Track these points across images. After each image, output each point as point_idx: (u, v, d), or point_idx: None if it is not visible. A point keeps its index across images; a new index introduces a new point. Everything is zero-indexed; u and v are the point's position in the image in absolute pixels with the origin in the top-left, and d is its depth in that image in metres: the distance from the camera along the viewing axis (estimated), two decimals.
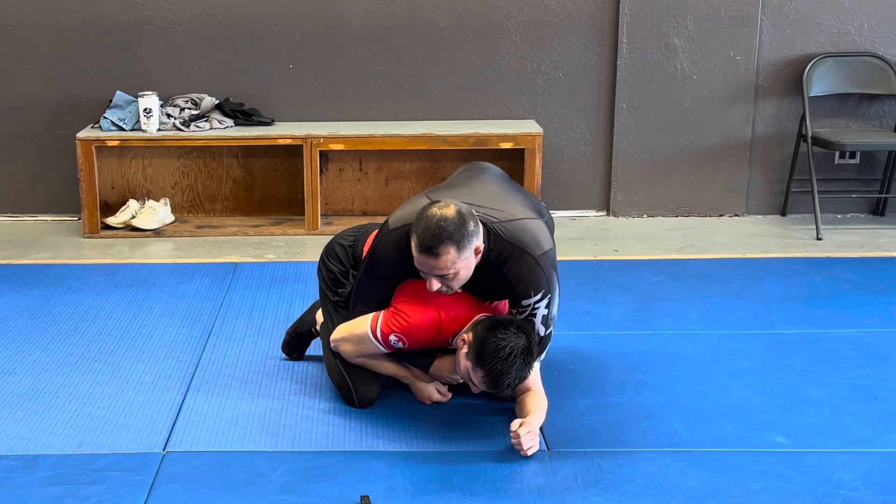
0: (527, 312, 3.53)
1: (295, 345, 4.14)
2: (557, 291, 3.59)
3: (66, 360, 4.16)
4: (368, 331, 3.60)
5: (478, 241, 3.44)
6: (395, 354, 3.71)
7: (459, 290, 3.60)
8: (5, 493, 3.17)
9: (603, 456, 3.41)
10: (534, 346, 3.44)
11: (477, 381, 3.45)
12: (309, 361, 4.14)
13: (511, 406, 3.71)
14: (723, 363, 4.15)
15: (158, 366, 4.12)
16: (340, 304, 3.79)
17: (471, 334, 3.45)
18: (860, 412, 3.72)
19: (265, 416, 3.69)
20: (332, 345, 3.75)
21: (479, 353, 3.38)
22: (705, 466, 3.35)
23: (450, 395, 3.76)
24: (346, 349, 3.70)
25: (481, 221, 3.47)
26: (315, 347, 4.16)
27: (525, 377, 3.45)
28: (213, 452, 3.44)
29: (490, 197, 3.65)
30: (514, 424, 3.42)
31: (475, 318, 3.55)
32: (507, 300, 3.65)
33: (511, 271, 3.50)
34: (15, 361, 4.16)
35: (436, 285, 3.45)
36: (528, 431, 3.39)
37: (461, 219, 3.38)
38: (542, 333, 3.58)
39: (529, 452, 3.39)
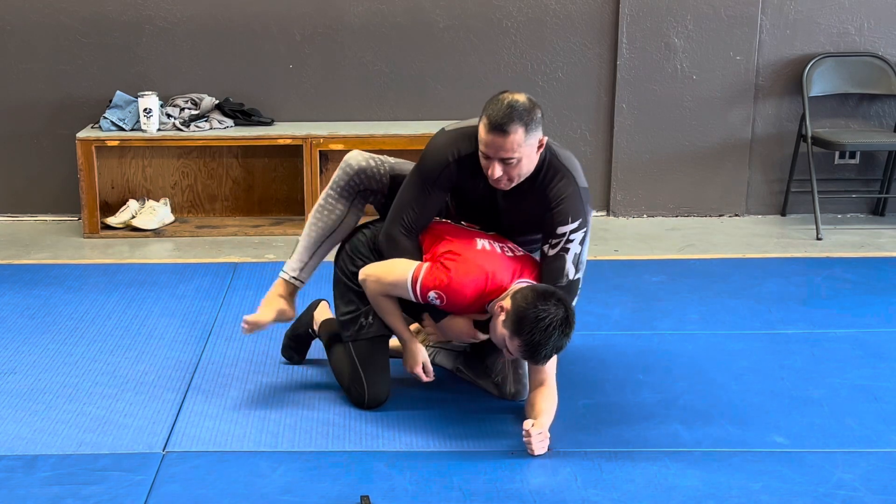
0: (560, 245, 3.51)
1: (295, 347, 4.13)
2: (589, 235, 3.59)
3: (66, 360, 4.16)
4: (409, 279, 3.51)
5: (541, 134, 3.48)
6: (410, 307, 3.66)
7: (507, 252, 3.56)
8: (5, 493, 3.17)
9: (603, 456, 3.41)
10: (572, 317, 3.39)
11: (513, 349, 3.40)
12: (309, 362, 4.13)
13: (512, 406, 3.72)
14: (723, 363, 4.15)
15: (158, 366, 4.12)
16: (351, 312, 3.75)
17: (509, 301, 3.40)
18: (860, 412, 3.72)
19: (265, 416, 3.69)
20: (360, 277, 3.65)
21: (519, 323, 3.34)
22: (705, 466, 3.35)
23: (432, 378, 3.72)
24: (372, 287, 3.61)
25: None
26: (315, 351, 4.15)
27: (561, 348, 3.41)
28: (213, 452, 3.44)
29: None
30: (528, 424, 3.41)
31: (513, 286, 3.50)
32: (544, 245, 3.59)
33: (554, 192, 3.52)
34: (15, 361, 4.16)
35: (498, 172, 3.43)
36: (539, 432, 3.39)
37: (532, 104, 3.47)
38: (571, 276, 3.54)
39: (539, 453, 3.38)
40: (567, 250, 3.52)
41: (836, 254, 5.61)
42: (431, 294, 3.50)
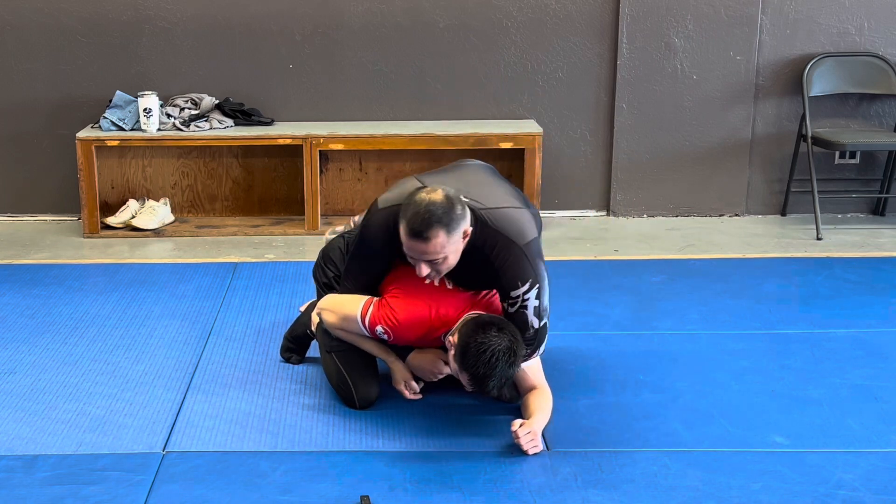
0: (517, 304, 3.52)
1: (294, 348, 4.14)
2: (546, 281, 3.58)
3: (66, 360, 4.16)
4: (358, 315, 3.60)
5: (466, 225, 3.44)
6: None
7: (450, 286, 3.61)
8: (5, 493, 3.17)
9: (603, 456, 3.41)
10: (517, 345, 3.41)
11: (464, 382, 3.46)
12: (309, 361, 4.13)
13: (511, 407, 3.72)
14: (723, 363, 4.15)
15: (158, 365, 4.12)
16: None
17: (456, 336, 3.45)
18: (860, 412, 3.72)
19: (265, 416, 3.69)
20: (316, 310, 3.77)
21: (463, 356, 3.38)
22: (705, 466, 3.35)
23: (419, 396, 3.75)
24: (329, 319, 3.71)
25: (468, 207, 3.47)
26: (314, 350, 4.15)
27: (511, 375, 3.45)
28: (213, 452, 3.44)
29: (477, 184, 3.66)
30: (515, 424, 3.42)
31: (463, 318, 3.55)
32: (496, 293, 3.65)
33: (497, 261, 3.50)
34: (15, 361, 4.16)
35: (425, 270, 3.44)
36: (527, 432, 3.40)
37: (449, 203, 3.38)
38: (536, 326, 3.57)
39: (530, 453, 3.40)
40: (525, 307, 3.54)
41: (836, 254, 5.61)
42: (378, 329, 3.58)
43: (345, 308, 3.66)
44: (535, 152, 5.90)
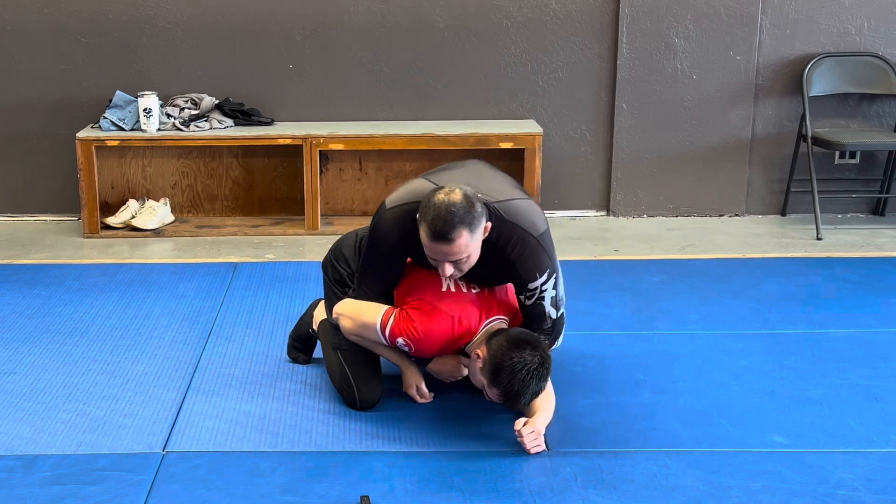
0: (535, 296, 3.53)
1: (300, 348, 4.14)
2: (560, 271, 3.60)
3: (66, 360, 4.16)
4: (378, 325, 3.58)
5: (485, 222, 3.43)
6: None
7: (465, 289, 3.60)
8: (5, 493, 3.17)
9: (603, 456, 3.41)
10: (547, 361, 3.42)
11: (493, 396, 3.45)
12: (312, 363, 4.13)
13: None
14: (723, 363, 4.15)
15: (158, 366, 4.12)
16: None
17: (485, 349, 3.44)
18: (860, 412, 3.72)
19: (265, 416, 3.69)
20: (333, 314, 3.74)
21: (496, 374, 3.38)
22: (705, 466, 3.35)
23: (430, 399, 3.75)
24: (346, 325, 3.69)
25: (483, 203, 3.46)
26: (318, 350, 4.14)
27: (541, 391, 3.45)
28: (213, 452, 3.44)
29: (484, 179, 3.65)
30: (518, 423, 3.42)
31: (488, 328, 3.55)
32: (513, 293, 3.65)
33: (514, 253, 3.50)
34: (15, 361, 4.16)
35: (449, 271, 3.43)
36: (531, 431, 3.40)
37: (469, 202, 3.37)
38: (554, 316, 3.58)
39: (533, 452, 3.40)
40: (543, 298, 3.55)
41: (836, 254, 5.61)
42: (400, 341, 3.57)
43: (363, 316, 3.64)
44: (535, 152, 5.90)
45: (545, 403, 3.57)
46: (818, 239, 5.86)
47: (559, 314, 3.61)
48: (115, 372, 4.06)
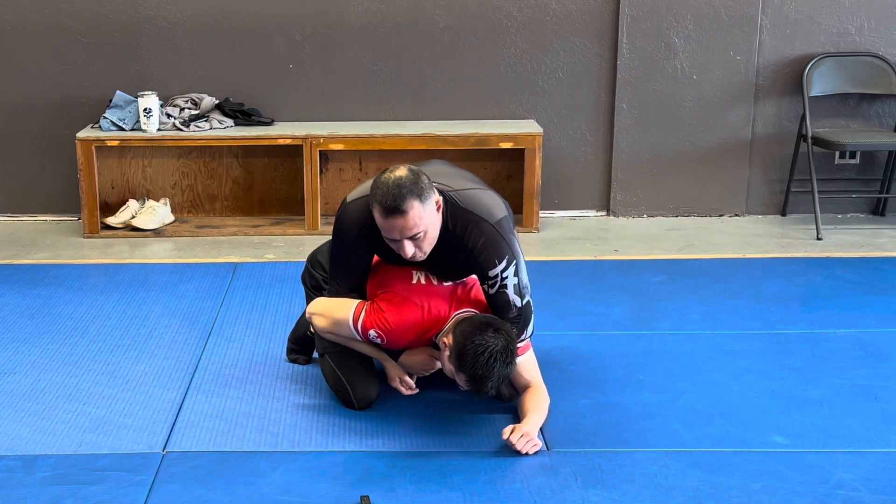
0: (497, 284, 3.52)
1: (299, 350, 4.14)
2: (522, 258, 3.59)
3: (66, 360, 4.16)
4: (350, 320, 3.59)
5: (436, 196, 3.44)
6: None
7: (436, 283, 3.60)
8: (5, 493, 3.17)
9: (603, 456, 3.41)
10: (512, 344, 3.42)
11: (461, 382, 3.46)
12: (312, 363, 4.13)
13: (512, 407, 3.71)
14: (723, 363, 4.15)
15: (158, 366, 4.12)
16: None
17: (451, 337, 3.45)
18: (860, 412, 3.72)
19: (265, 416, 3.69)
20: (306, 314, 3.77)
21: (460, 358, 3.38)
22: (705, 466, 3.35)
23: (416, 391, 3.74)
24: (320, 324, 3.70)
25: (437, 190, 3.48)
26: None
27: (508, 375, 3.45)
28: (213, 452, 3.44)
29: (442, 174, 3.66)
30: (506, 432, 3.42)
31: (455, 318, 3.55)
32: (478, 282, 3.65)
33: (471, 241, 3.50)
34: (15, 361, 4.16)
35: (409, 249, 3.42)
36: (520, 436, 3.40)
37: (415, 175, 3.39)
38: (519, 304, 3.56)
39: (531, 453, 3.39)
40: (505, 286, 3.54)
41: (836, 254, 5.61)
42: (371, 333, 3.57)
43: (335, 313, 3.66)
44: (535, 152, 5.90)
45: (537, 403, 3.57)
46: (818, 239, 5.86)
47: (524, 302, 3.58)
48: (115, 372, 4.06)
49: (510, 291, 3.54)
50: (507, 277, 3.52)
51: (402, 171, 3.39)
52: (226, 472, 3.31)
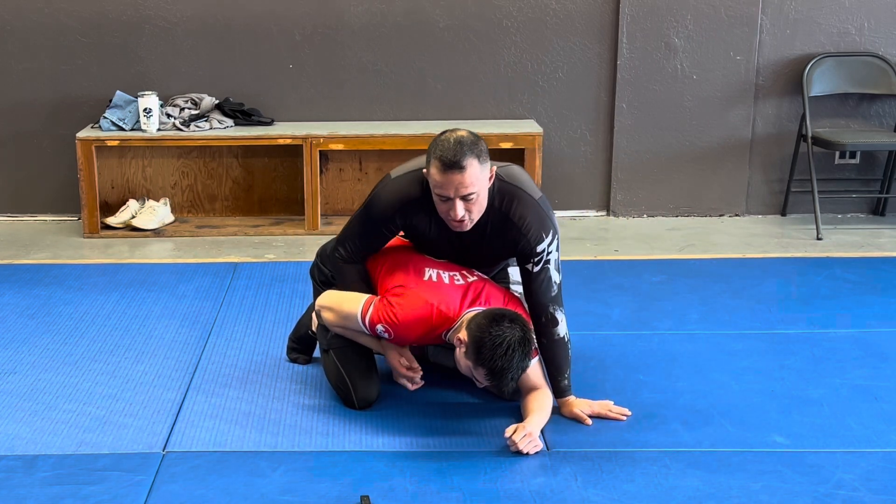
0: (542, 260, 3.54)
1: (300, 349, 4.14)
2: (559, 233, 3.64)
3: (66, 360, 4.16)
4: (358, 314, 3.59)
5: (490, 163, 3.48)
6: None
7: (447, 280, 3.59)
8: (5, 493, 3.17)
9: (603, 456, 3.41)
10: (529, 334, 3.41)
11: (480, 377, 3.43)
12: (313, 362, 4.13)
13: (512, 406, 3.71)
14: (723, 363, 4.15)
15: (158, 366, 4.12)
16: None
17: (465, 333, 3.44)
18: (860, 412, 3.72)
19: (265, 416, 3.69)
20: (315, 307, 3.76)
21: (478, 352, 3.36)
22: (705, 466, 3.35)
23: (421, 384, 3.71)
24: (328, 317, 3.69)
25: None
26: (318, 350, 4.15)
27: (526, 367, 3.43)
28: (213, 452, 3.44)
29: None
30: (508, 431, 3.42)
31: (467, 315, 3.54)
32: (492, 288, 3.65)
33: (517, 216, 3.52)
34: (15, 361, 4.16)
35: (461, 211, 3.42)
36: (523, 436, 3.39)
37: (476, 137, 3.45)
38: (558, 280, 3.59)
39: (532, 453, 3.39)
40: (549, 262, 3.56)
41: (836, 254, 5.61)
42: (379, 327, 3.57)
43: (344, 306, 3.65)
44: (535, 152, 5.90)
45: (541, 404, 3.56)
46: (818, 239, 5.86)
47: (560, 279, 3.62)
48: (115, 372, 4.06)
49: (552, 267, 3.57)
50: (551, 252, 3.56)
51: (463, 132, 3.44)
52: (226, 472, 3.31)
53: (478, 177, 3.40)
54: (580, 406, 3.65)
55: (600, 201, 6.36)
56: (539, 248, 3.53)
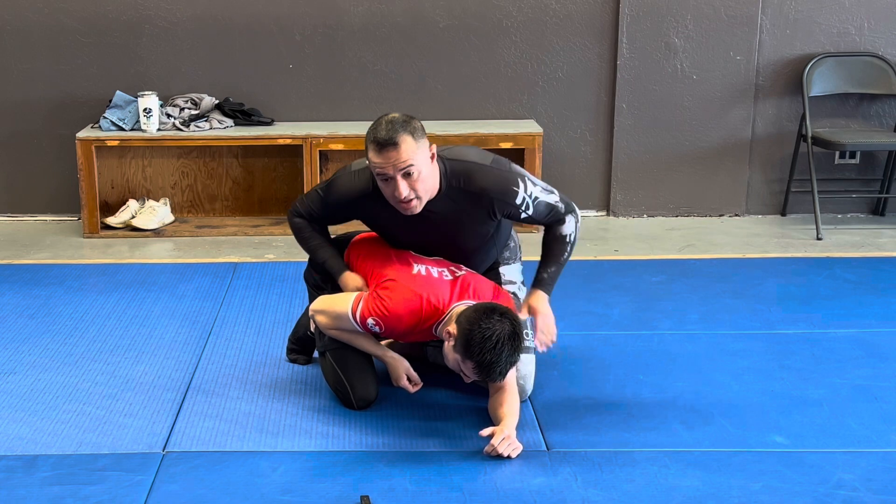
0: (528, 205, 3.60)
1: (299, 350, 4.14)
2: (527, 174, 3.68)
3: (66, 360, 4.16)
4: (348, 310, 3.59)
5: (429, 143, 3.51)
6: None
7: (436, 274, 3.60)
8: (5, 493, 3.17)
9: (603, 456, 3.41)
10: (519, 328, 3.41)
11: (468, 371, 3.43)
12: (313, 362, 4.13)
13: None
14: (723, 363, 4.15)
15: (158, 366, 4.12)
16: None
17: (454, 326, 3.43)
18: (860, 412, 3.72)
19: (265, 416, 3.69)
20: (309, 313, 3.78)
21: (467, 345, 3.36)
22: (705, 466, 3.35)
23: (420, 385, 3.72)
24: (322, 321, 3.70)
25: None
26: None
27: (516, 361, 3.43)
28: (213, 452, 3.44)
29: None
30: (484, 433, 3.40)
31: (454, 308, 3.53)
32: (482, 281, 3.67)
33: (477, 187, 3.56)
34: (15, 361, 4.16)
35: (404, 189, 3.45)
36: (500, 440, 3.38)
37: (408, 116, 3.52)
38: (555, 199, 3.67)
39: (514, 456, 3.38)
40: (535, 199, 3.62)
41: (836, 254, 5.61)
42: (370, 321, 3.57)
43: (336, 306, 3.66)
44: (535, 152, 5.90)
45: (510, 408, 3.52)
46: (818, 239, 5.86)
47: (558, 195, 3.69)
48: (115, 372, 4.06)
49: (541, 198, 3.63)
50: (530, 193, 3.60)
51: (395, 114, 3.53)
52: (226, 472, 3.31)
53: (414, 151, 3.44)
54: (541, 305, 3.68)
55: (600, 201, 6.36)
56: (518, 200, 3.59)
